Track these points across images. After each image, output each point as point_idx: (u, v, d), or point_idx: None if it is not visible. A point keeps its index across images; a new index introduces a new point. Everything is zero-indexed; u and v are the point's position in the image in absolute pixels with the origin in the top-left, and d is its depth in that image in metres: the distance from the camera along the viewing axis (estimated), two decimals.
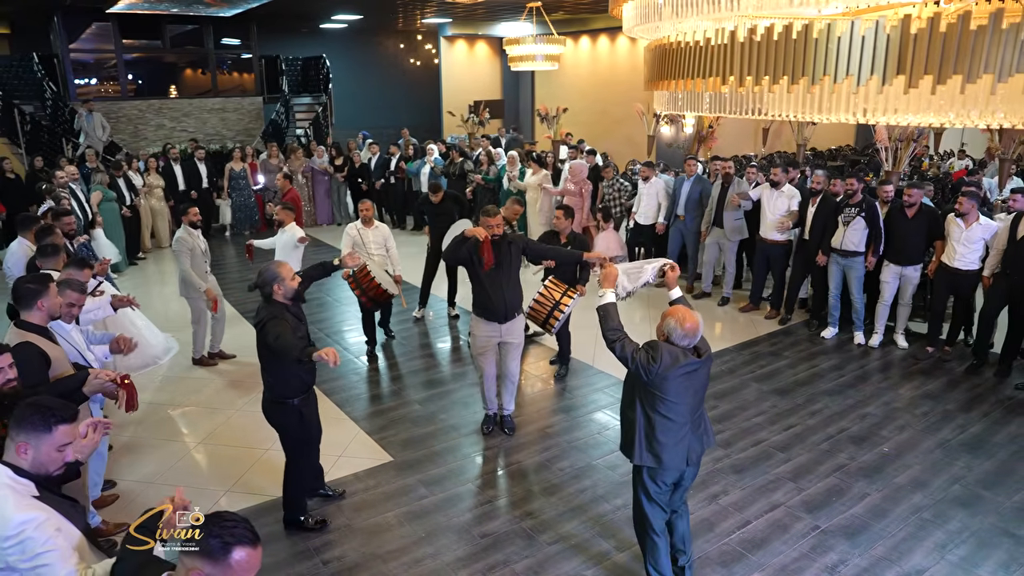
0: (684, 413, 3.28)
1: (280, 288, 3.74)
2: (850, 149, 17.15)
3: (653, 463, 3.34)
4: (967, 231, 6.09)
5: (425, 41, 20.25)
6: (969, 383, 6.00)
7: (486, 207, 4.91)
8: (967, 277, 6.20)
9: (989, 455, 4.87)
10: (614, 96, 16.85)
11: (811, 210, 6.98)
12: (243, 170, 11.40)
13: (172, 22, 14.79)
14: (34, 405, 2.19)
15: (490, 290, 4.81)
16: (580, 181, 9.48)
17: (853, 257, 6.66)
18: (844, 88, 1.70)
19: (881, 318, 6.78)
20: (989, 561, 3.81)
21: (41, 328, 3.46)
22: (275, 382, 3.87)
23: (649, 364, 3.17)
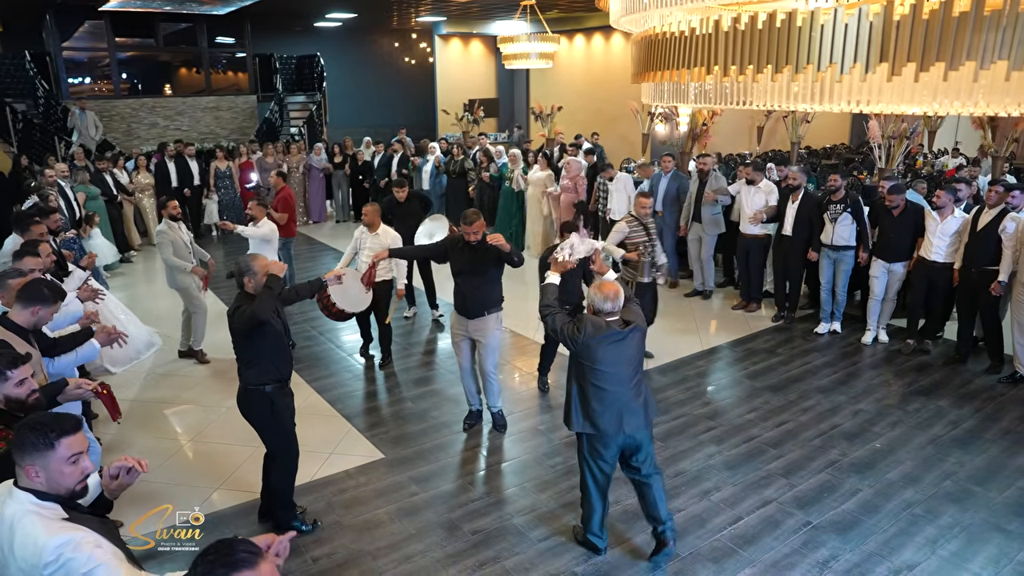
0: (616, 382, 3.52)
1: (251, 282, 3.73)
2: (844, 147, 17.16)
3: (591, 430, 3.58)
4: (942, 224, 6.19)
5: (420, 40, 20.22)
6: (960, 380, 6.00)
7: (465, 213, 4.81)
8: (943, 270, 6.28)
9: (980, 451, 4.87)
10: (608, 94, 16.83)
11: (792, 206, 7.07)
12: (228, 168, 11.33)
13: (165, 20, 14.75)
14: (30, 425, 2.09)
15: (463, 288, 4.90)
16: (575, 176, 9.52)
17: (844, 251, 6.78)
18: (828, 77, 1.69)
19: (873, 315, 6.82)
20: (979, 556, 3.80)
21: (22, 329, 3.39)
22: (247, 370, 3.84)
23: (575, 334, 3.48)
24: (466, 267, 4.82)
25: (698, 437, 5.11)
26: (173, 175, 10.98)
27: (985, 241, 5.90)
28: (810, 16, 1.69)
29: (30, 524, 2.01)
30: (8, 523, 2.04)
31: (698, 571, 3.72)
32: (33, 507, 2.05)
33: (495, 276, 4.92)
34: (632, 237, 6.02)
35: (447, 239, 5.10)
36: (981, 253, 5.94)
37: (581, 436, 3.69)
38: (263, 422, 3.92)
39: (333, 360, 6.58)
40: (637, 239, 6.01)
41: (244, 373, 3.86)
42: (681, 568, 3.74)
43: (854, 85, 1.65)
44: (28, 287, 3.45)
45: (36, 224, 4.94)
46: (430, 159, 11.39)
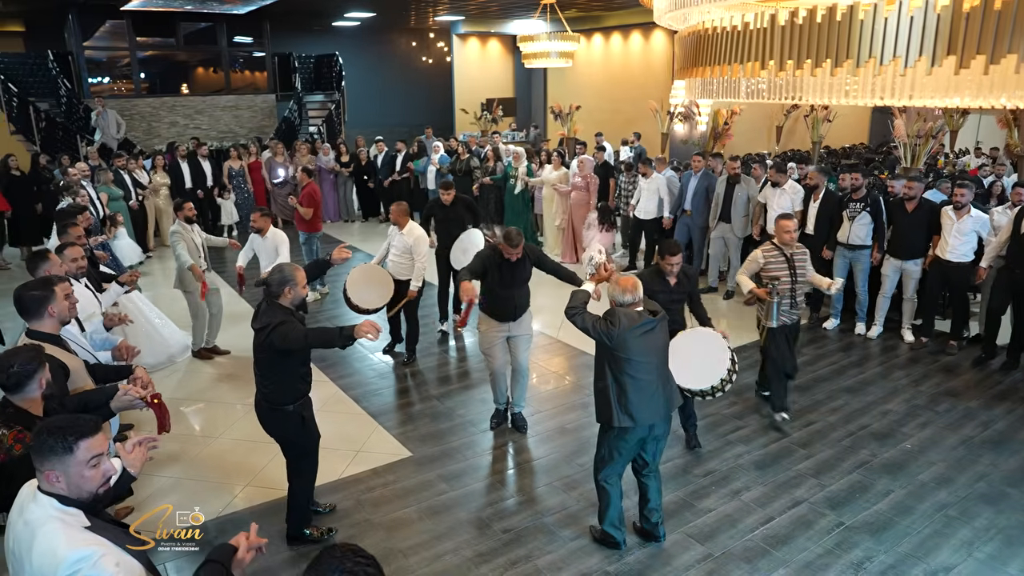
0: (651, 370, 3.59)
1: (291, 292, 3.55)
2: (864, 147, 17.00)
3: (629, 423, 3.59)
4: (959, 223, 6.16)
5: (438, 39, 20.25)
6: (991, 381, 5.94)
7: (509, 233, 4.72)
8: (960, 269, 6.26)
9: (1014, 452, 4.81)
10: (627, 94, 16.79)
11: (814, 205, 7.08)
12: (241, 168, 11.36)
13: (186, 20, 14.86)
14: (47, 429, 2.02)
15: (503, 300, 4.93)
16: (587, 175, 9.52)
17: (860, 250, 6.77)
18: (890, 71, 1.66)
19: (881, 310, 6.86)
20: (1018, 559, 3.76)
21: (54, 337, 3.31)
22: (273, 388, 3.65)
23: (609, 328, 3.51)
24: (507, 282, 4.86)
25: (726, 437, 5.08)
26: (186, 175, 10.98)
27: None
28: (873, 9, 1.67)
29: (52, 532, 1.95)
30: (30, 527, 2.00)
31: (732, 571, 3.70)
32: (56, 513, 1.98)
33: (528, 281, 5.01)
34: (769, 269, 5.01)
35: (484, 257, 4.90)
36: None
37: (611, 430, 3.69)
38: (294, 439, 3.79)
39: (356, 358, 6.60)
40: (776, 271, 4.99)
41: (269, 390, 3.66)
42: (715, 568, 3.72)
43: (917, 79, 1.63)
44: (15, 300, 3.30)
45: (74, 226, 4.93)
46: (431, 159, 11.37)
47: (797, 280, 5.01)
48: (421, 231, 6.18)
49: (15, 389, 2.67)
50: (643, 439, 3.69)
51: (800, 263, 5.02)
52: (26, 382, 2.67)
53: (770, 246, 5.07)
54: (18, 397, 2.68)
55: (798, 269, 5.00)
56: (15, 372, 2.65)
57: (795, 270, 4.97)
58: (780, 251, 5.01)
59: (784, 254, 5.01)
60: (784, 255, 5.00)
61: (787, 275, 4.97)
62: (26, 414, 2.65)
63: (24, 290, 3.31)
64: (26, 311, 3.28)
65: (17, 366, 2.64)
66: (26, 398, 2.69)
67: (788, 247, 5.02)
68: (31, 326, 3.29)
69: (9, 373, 2.64)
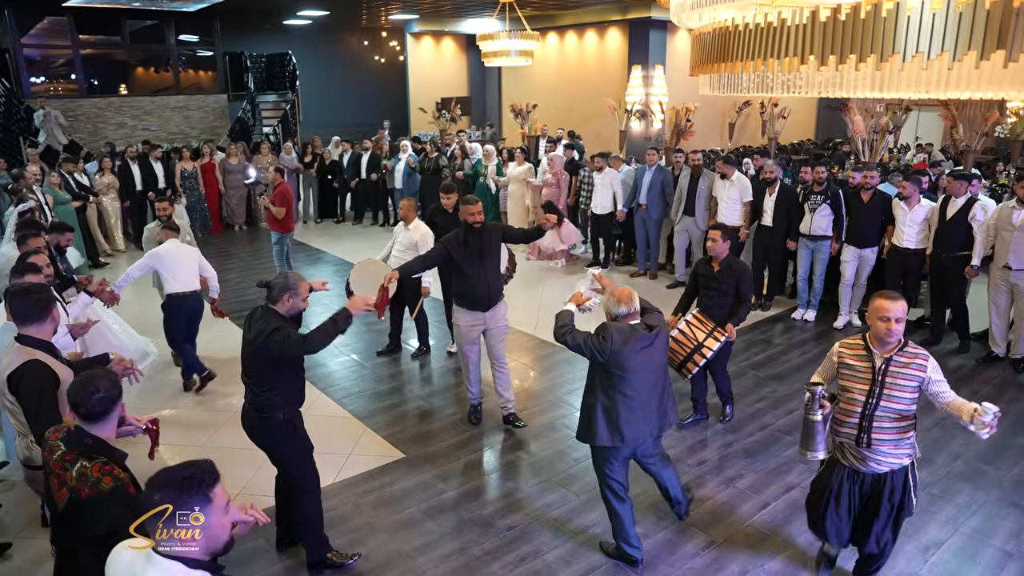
0: (643, 388, 3.45)
1: (289, 300, 3.41)
2: (811, 143, 17.59)
3: (618, 442, 3.48)
4: (911, 212, 6.52)
5: (391, 38, 20.06)
6: (954, 364, 6.22)
7: (466, 196, 4.97)
8: (915, 256, 6.62)
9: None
10: (582, 92, 16.96)
11: (770, 198, 7.37)
12: (194, 170, 11.05)
13: (132, 17, 14.32)
14: (185, 478, 1.83)
15: (474, 280, 4.86)
16: (557, 172, 9.64)
17: (821, 241, 7.07)
18: (937, 65, 1.74)
19: (844, 299, 7.17)
20: (1000, 531, 3.96)
21: (48, 344, 3.09)
22: (266, 398, 3.45)
23: (601, 344, 3.37)
24: (475, 255, 4.80)
25: (714, 426, 5.19)
26: (137, 177, 10.58)
27: (955, 229, 6.22)
28: (920, 5, 1.74)
29: None
30: None
31: (736, 556, 3.78)
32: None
33: (499, 260, 4.98)
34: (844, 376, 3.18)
35: (441, 241, 4.91)
36: (951, 240, 6.26)
37: (600, 450, 3.57)
38: (288, 449, 3.60)
39: (334, 361, 6.49)
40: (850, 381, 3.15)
41: (262, 399, 3.45)
42: (719, 555, 3.80)
43: (963, 72, 1.71)
44: (13, 304, 3.10)
45: (34, 236, 4.69)
46: (403, 158, 11.32)
47: (880, 404, 3.02)
48: (427, 228, 6.11)
49: (100, 417, 2.39)
50: (631, 457, 3.62)
51: (905, 377, 3.00)
52: (112, 408, 2.42)
53: (856, 342, 3.17)
54: (97, 427, 2.41)
55: (889, 388, 3.01)
56: (101, 398, 2.37)
57: (882, 388, 3.02)
58: (867, 352, 3.08)
59: (871, 358, 3.06)
60: (871, 359, 3.06)
61: (862, 392, 3.06)
62: (105, 444, 2.41)
63: (26, 293, 3.09)
64: (27, 316, 3.05)
65: (103, 391, 2.37)
66: (105, 428, 2.43)
67: (883, 346, 3.03)
68: (27, 331, 3.05)
69: (96, 399, 2.36)
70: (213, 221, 11.26)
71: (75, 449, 2.36)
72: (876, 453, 3.11)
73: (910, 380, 3.02)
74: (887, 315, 2.99)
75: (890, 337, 2.99)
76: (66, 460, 2.35)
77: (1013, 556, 3.77)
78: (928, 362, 3.04)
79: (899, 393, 3.04)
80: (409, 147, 11.61)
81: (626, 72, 15.64)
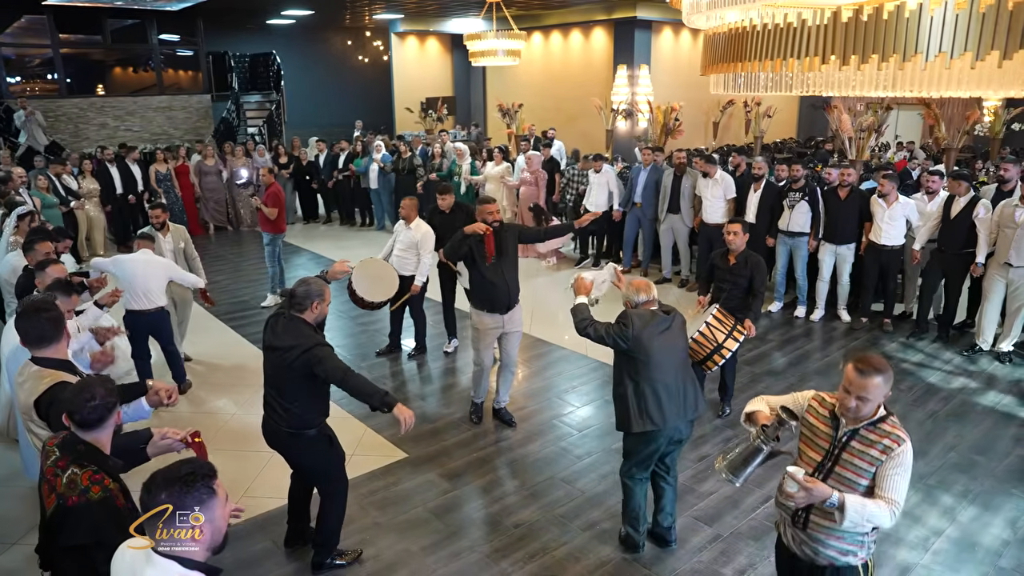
0: (668, 371, 3.52)
1: (317, 308, 3.35)
2: (794, 142, 17.81)
3: (652, 427, 3.51)
4: (889, 209, 6.66)
5: (375, 37, 19.98)
6: (942, 359, 6.35)
7: (483, 196, 4.99)
8: (893, 252, 6.78)
9: (975, 424, 5.17)
10: (568, 92, 17.01)
11: (755, 195, 7.50)
12: (168, 172, 10.94)
13: (113, 16, 14.13)
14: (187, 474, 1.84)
15: (493, 281, 4.86)
16: (535, 170, 9.71)
17: (799, 237, 7.21)
18: (957, 65, 1.79)
19: (821, 295, 7.31)
20: (998, 519, 4.06)
21: (67, 363, 2.95)
22: (299, 412, 3.39)
23: (623, 331, 3.46)
24: (496, 256, 4.81)
25: (713, 422, 5.25)
26: (117, 180, 10.42)
27: (960, 226, 6.31)
28: (944, 5, 1.79)
29: None
30: None
31: (742, 549, 3.84)
32: None
33: (516, 260, 4.97)
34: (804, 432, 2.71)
35: (462, 239, 4.84)
36: (956, 238, 6.35)
37: (636, 437, 3.58)
38: (323, 463, 3.56)
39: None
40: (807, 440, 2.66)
41: (293, 415, 3.38)
42: (725, 548, 3.85)
43: (985, 71, 1.76)
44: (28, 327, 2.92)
45: (43, 242, 4.60)
46: (373, 158, 11.29)
47: (826, 482, 2.45)
48: (428, 227, 6.10)
49: (95, 425, 2.34)
50: (668, 441, 3.62)
51: (865, 458, 2.43)
52: (107, 416, 2.37)
53: (830, 399, 2.62)
54: (92, 434, 2.36)
55: (842, 467, 2.47)
56: (97, 406, 2.32)
57: (834, 463, 2.49)
58: (832, 416, 2.55)
59: (835, 425, 2.53)
60: (834, 426, 2.53)
61: (812, 462, 2.55)
62: (98, 453, 2.36)
63: (36, 313, 2.90)
64: (43, 337, 2.89)
65: (99, 399, 2.33)
66: (101, 436, 2.38)
67: (849, 412, 2.44)
68: (43, 353, 2.90)
69: (91, 407, 2.31)
70: (191, 224, 11.09)
71: (68, 455, 2.33)
72: (813, 540, 2.51)
73: (870, 464, 2.40)
74: (848, 388, 2.39)
75: (847, 414, 2.43)
76: (58, 466, 2.32)
77: (1010, 543, 3.87)
78: (900, 447, 2.37)
79: (852, 475, 2.43)
80: (383, 147, 11.55)
81: (611, 72, 15.72)
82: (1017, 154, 12.56)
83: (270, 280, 8.13)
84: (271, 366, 3.41)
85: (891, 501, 2.37)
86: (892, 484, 2.38)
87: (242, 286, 8.93)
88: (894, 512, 2.37)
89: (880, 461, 2.40)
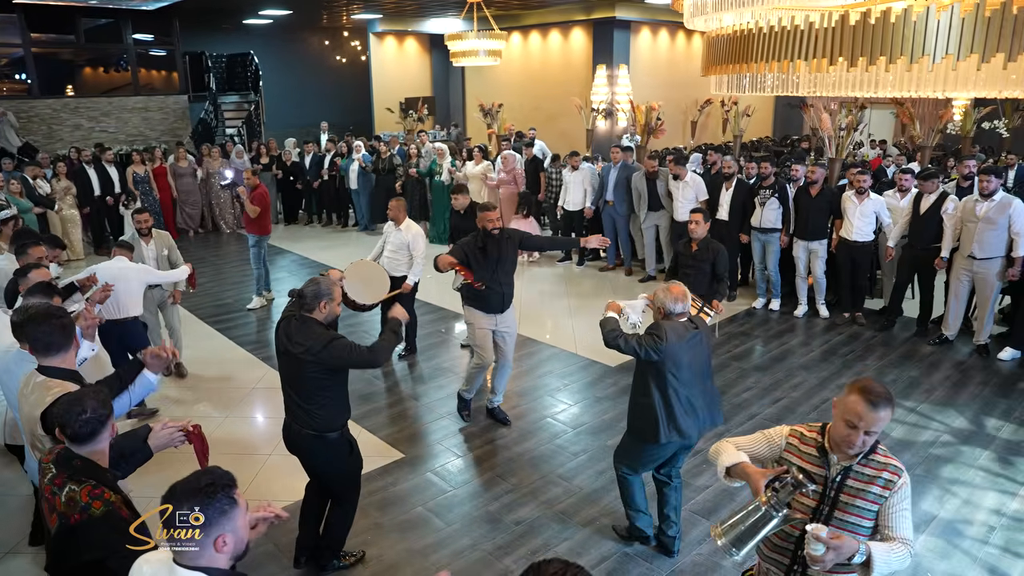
0: (694, 384, 3.53)
1: (326, 307, 3.33)
2: (770, 140, 18.07)
3: (679, 438, 3.53)
4: (861, 205, 6.83)
5: (353, 38, 19.86)
6: (925, 352, 6.51)
7: (484, 203, 5.03)
8: (864, 248, 6.95)
9: (957, 414, 5.31)
10: (547, 92, 17.07)
11: (726, 193, 7.69)
12: (146, 173, 10.79)
13: (87, 15, 13.87)
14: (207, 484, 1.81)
15: (489, 284, 4.90)
16: (511, 169, 9.78)
17: (771, 233, 7.39)
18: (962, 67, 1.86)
19: (801, 291, 7.47)
20: (984, 504, 4.19)
21: (74, 373, 2.88)
22: (324, 414, 3.38)
23: (656, 344, 3.40)
24: (493, 263, 4.86)
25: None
26: (94, 182, 10.25)
27: (929, 222, 6.52)
28: (950, 10, 1.85)
29: None
30: None
31: None
32: None
33: (514, 267, 5.03)
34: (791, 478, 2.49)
35: (459, 245, 4.91)
36: (925, 233, 6.55)
37: (649, 444, 3.58)
38: (343, 468, 3.56)
39: None
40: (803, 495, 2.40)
41: (315, 417, 3.37)
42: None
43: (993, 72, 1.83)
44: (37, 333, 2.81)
45: (35, 246, 4.47)
46: (354, 158, 11.28)
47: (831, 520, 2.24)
48: (418, 228, 6.14)
49: (88, 439, 2.29)
50: (679, 447, 3.66)
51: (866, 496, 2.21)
52: (101, 430, 2.31)
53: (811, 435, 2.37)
54: (87, 448, 2.31)
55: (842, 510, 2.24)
56: (89, 419, 2.27)
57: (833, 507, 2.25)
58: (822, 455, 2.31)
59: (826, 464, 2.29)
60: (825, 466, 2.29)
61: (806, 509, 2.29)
62: (95, 467, 2.31)
63: (48, 320, 2.80)
64: (52, 345, 2.80)
65: (90, 412, 2.28)
66: (96, 449, 2.33)
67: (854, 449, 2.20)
68: (51, 362, 2.81)
69: (83, 420, 2.26)
70: (168, 226, 10.94)
71: (64, 471, 2.27)
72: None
73: (873, 502, 2.18)
74: (856, 422, 2.14)
75: (850, 449, 2.19)
76: (55, 484, 2.25)
77: (996, 529, 3.99)
78: (900, 478, 2.18)
79: (855, 519, 2.20)
80: (362, 147, 11.54)
81: (591, 71, 15.81)
82: (986, 151, 12.92)
83: (255, 282, 8.07)
84: (288, 369, 3.42)
85: (906, 542, 2.15)
86: (901, 522, 2.16)
87: (225, 289, 8.85)
88: (910, 553, 2.16)
89: (883, 498, 2.16)
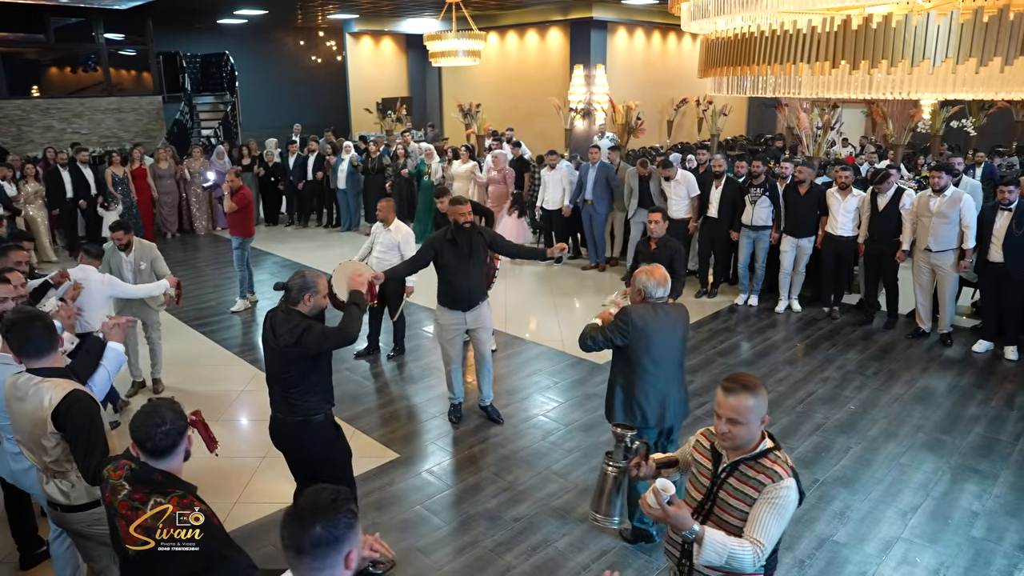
0: (662, 368, 3.54)
1: (311, 300, 3.37)
2: (744, 139, 18.33)
3: (639, 422, 3.57)
4: (844, 201, 7.04)
5: (329, 38, 19.74)
6: (904, 345, 6.69)
7: (456, 196, 5.06)
8: (848, 243, 7.14)
9: (937, 405, 5.47)
10: (524, 91, 17.12)
11: (716, 191, 7.84)
12: (124, 176, 10.64)
13: (56, 14, 13.58)
14: (332, 500, 1.73)
15: (455, 280, 4.94)
16: (501, 168, 9.84)
17: (762, 231, 7.55)
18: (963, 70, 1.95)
19: (784, 286, 7.63)
20: (965, 493, 4.33)
21: (67, 371, 2.87)
22: (305, 401, 3.44)
23: (622, 327, 3.46)
24: (463, 256, 4.88)
25: (694, 412, 5.40)
26: (68, 184, 10.04)
27: (888, 217, 6.74)
28: (950, 16, 1.94)
29: None
30: None
31: None
32: None
33: (483, 261, 5.05)
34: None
35: (428, 241, 4.98)
36: (885, 228, 6.78)
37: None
38: (330, 452, 3.59)
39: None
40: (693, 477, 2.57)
41: (301, 404, 3.43)
42: None
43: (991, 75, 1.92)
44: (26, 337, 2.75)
45: (16, 250, 4.34)
46: (345, 158, 11.27)
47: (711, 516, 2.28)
48: (408, 228, 6.15)
49: (168, 451, 2.20)
50: (658, 434, 3.69)
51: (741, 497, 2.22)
52: (180, 441, 2.23)
53: (709, 434, 2.41)
54: (166, 463, 2.21)
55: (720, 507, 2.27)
56: (169, 431, 2.18)
57: (713, 502, 2.29)
58: (712, 449, 2.35)
59: (715, 457, 2.33)
60: (714, 458, 2.33)
61: (694, 501, 2.34)
62: (175, 479, 2.23)
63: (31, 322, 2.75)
64: (41, 348, 2.75)
65: (169, 423, 2.18)
66: (174, 463, 2.25)
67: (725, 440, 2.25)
68: (42, 364, 2.77)
69: (163, 433, 2.17)
70: (146, 228, 10.78)
71: (144, 487, 2.18)
72: None
73: (746, 504, 2.18)
74: (718, 410, 2.21)
75: (724, 443, 2.24)
76: (135, 499, 2.16)
77: (979, 515, 4.13)
78: (776, 484, 2.13)
79: (730, 518, 2.21)
80: (352, 147, 11.55)
81: (568, 71, 15.90)
82: (953, 150, 13.28)
83: (239, 284, 8.00)
84: (271, 359, 3.48)
85: (756, 542, 2.10)
86: (761, 525, 2.11)
87: (208, 291, 8.76)
88: (758, 555, 2.09)
89: (753, 500, 2.16)
